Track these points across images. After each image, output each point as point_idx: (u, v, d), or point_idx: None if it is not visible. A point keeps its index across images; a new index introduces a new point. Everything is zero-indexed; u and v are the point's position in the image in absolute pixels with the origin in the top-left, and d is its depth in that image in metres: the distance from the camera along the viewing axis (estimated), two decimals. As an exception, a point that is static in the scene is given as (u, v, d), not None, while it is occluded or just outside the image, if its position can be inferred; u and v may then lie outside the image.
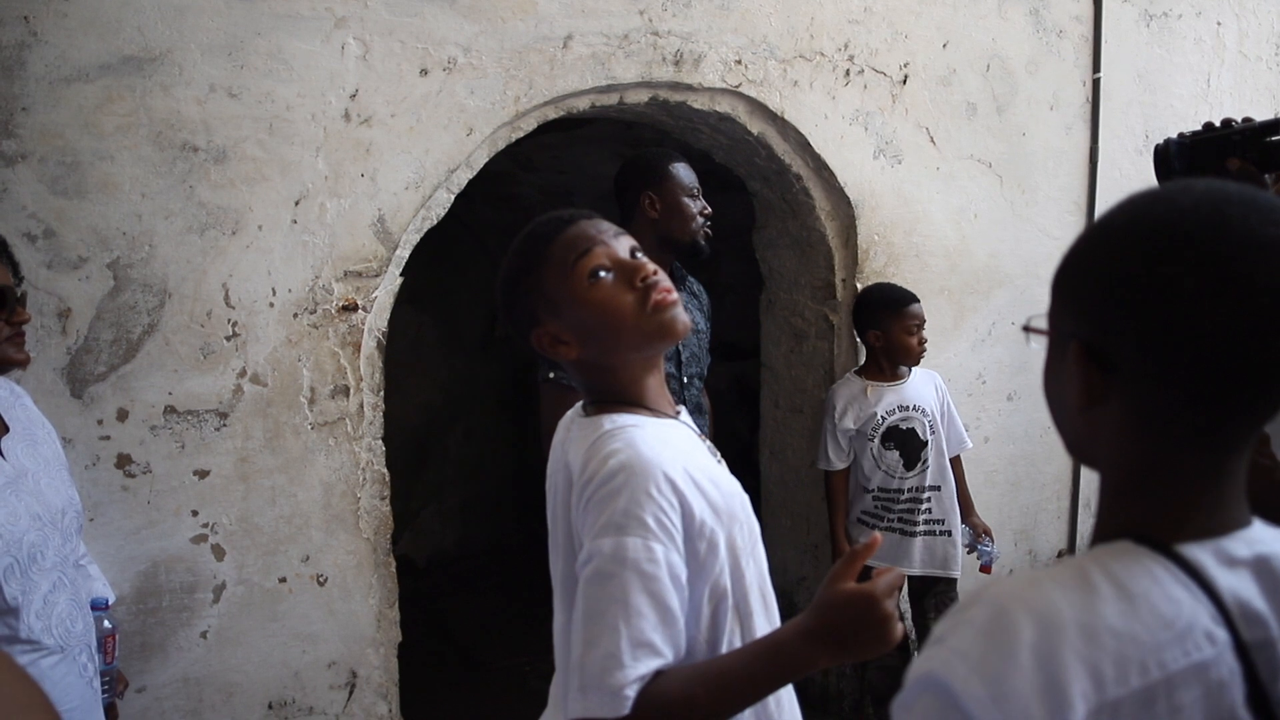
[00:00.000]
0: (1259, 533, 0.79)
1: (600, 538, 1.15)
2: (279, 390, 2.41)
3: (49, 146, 2.18)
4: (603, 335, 1.30)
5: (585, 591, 1.15)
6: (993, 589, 0.75)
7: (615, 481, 1.17)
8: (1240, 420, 0.77)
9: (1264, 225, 0.73)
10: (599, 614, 1.13)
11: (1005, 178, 3.54)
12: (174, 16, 2.25)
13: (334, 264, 2.45)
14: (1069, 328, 0.81)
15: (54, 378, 2.21)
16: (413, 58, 2.49)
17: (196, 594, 2.36)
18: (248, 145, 2.34)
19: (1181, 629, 0.71)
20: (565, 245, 1.31)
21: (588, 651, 1.12)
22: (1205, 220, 0.74)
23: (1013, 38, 3.49)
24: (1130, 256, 0.76)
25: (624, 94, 2.83)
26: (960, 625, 0.74)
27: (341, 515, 2.49)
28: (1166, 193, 0.78)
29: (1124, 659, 0.70)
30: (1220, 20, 4.02)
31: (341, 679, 2.53)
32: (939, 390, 3.16)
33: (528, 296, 1.34)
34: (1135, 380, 0.77)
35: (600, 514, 1.16)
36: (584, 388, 1.38)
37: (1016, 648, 0.70)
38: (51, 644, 1.69)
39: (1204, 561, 0.75)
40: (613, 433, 1.24)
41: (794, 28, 3.03)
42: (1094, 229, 0.81)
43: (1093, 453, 0.84)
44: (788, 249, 3.52)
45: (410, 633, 2.76)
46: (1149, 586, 0.73)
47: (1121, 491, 0.81)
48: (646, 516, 1.15)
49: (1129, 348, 0.76)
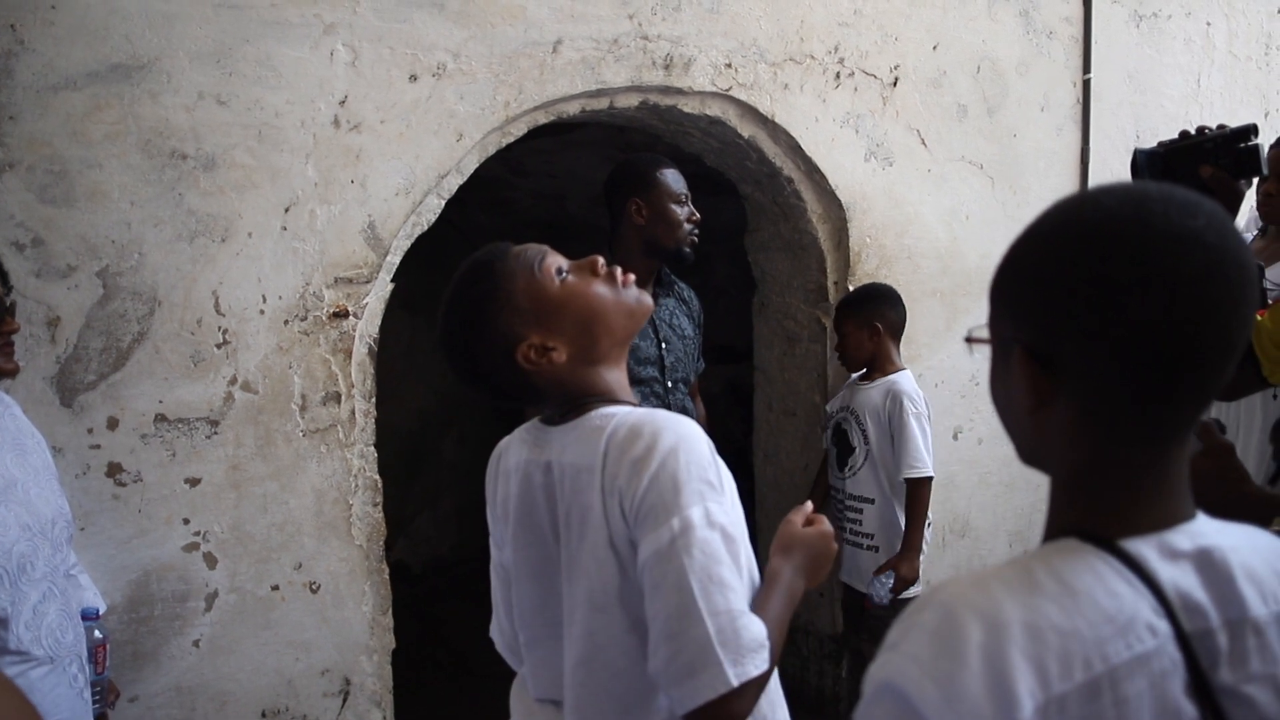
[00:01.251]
0: (1202, 525, 0.81)
1: (690, 508, 1.15)
2: (270, 397, 2.40)
3: (37, 155, 2.17)
4: (592, 326, 1.32)
5: (686, 564, 1.13)
6: (942, 592, 0.77)
7: (680, 454, 1.18)
8: (1181, 410, 0.80)
9: (1184, 218, 0.76)
10: (714, 581, 1.14)
11: (997, 179, 3.54)
12: (162, 24, 2.25)
13: (324, 270, 2.44)
14: (1010, 333, 0.83)
15: (43, 387, 2.21)
16: (402, 64, 2.48)
17: (188, 602, 2.35)
18: (237, 152, 2.33)
19: (1124, 623, 0.73)
20: (519, 259, 1.34)
21: (714, 620, 1.12)
22: (1130, 218, 0.77)
23: (1003, 39, 3.50)
24: (1062, 259, 0.79)
25: (614, 98, 2.83)
26: (912, 630, 0.76)
27: (334, 522, 2.49)
28: (1092, 195, 0.81)
29: (1068, 654, 0.72)
30: (1210, 20, 4.03)
31: (335, 686, 2.52)
32: (891, 405, 2.93)
33: (499, 318, 1.31)
34: (1079, 379, 0.79)
35: (675, 487, 1.16)
36: (561, 397, 1.34)
37: (966, 649, 0.71)
38: (41, 655, 1.68)
39: (1147, 555, 0.77)
40: (629, 418, 1.24)
41: (784, 31, 3.04)
42: (1025, 235, 0.83)
43: (1043, 455, 0.86)
44: (780, 252, 3.53)
45: (405, 639, 2.75)
46: (1091, 582, 0.75)
47: (1068, 490, 0.84)
48: (713, 479, 1.20)
49: (1070, 348, 0.78)
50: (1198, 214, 0.76)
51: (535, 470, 1.32)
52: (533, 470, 1.33)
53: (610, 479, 1.21)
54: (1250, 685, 0.76)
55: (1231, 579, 0.77)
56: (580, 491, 1.25)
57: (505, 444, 1.46)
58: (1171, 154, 1.74)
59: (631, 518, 1.19)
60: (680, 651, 1.12)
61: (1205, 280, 0.75)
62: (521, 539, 1.35)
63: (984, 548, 3.63)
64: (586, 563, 1.24)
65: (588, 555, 1.24)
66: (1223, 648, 0.76)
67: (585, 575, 1.24)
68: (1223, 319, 0.76)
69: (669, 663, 1.13)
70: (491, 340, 1.32)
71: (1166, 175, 1.74)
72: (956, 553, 3.55)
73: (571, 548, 1.27)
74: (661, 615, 1.14)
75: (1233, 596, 0.77)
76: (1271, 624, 0.78)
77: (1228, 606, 0.77)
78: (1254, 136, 1.66)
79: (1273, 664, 0.77)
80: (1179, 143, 1.75)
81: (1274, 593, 0.79)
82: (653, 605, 1.16)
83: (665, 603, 1.14)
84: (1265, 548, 0.82)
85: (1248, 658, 0.76)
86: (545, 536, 1.31)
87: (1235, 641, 0.76)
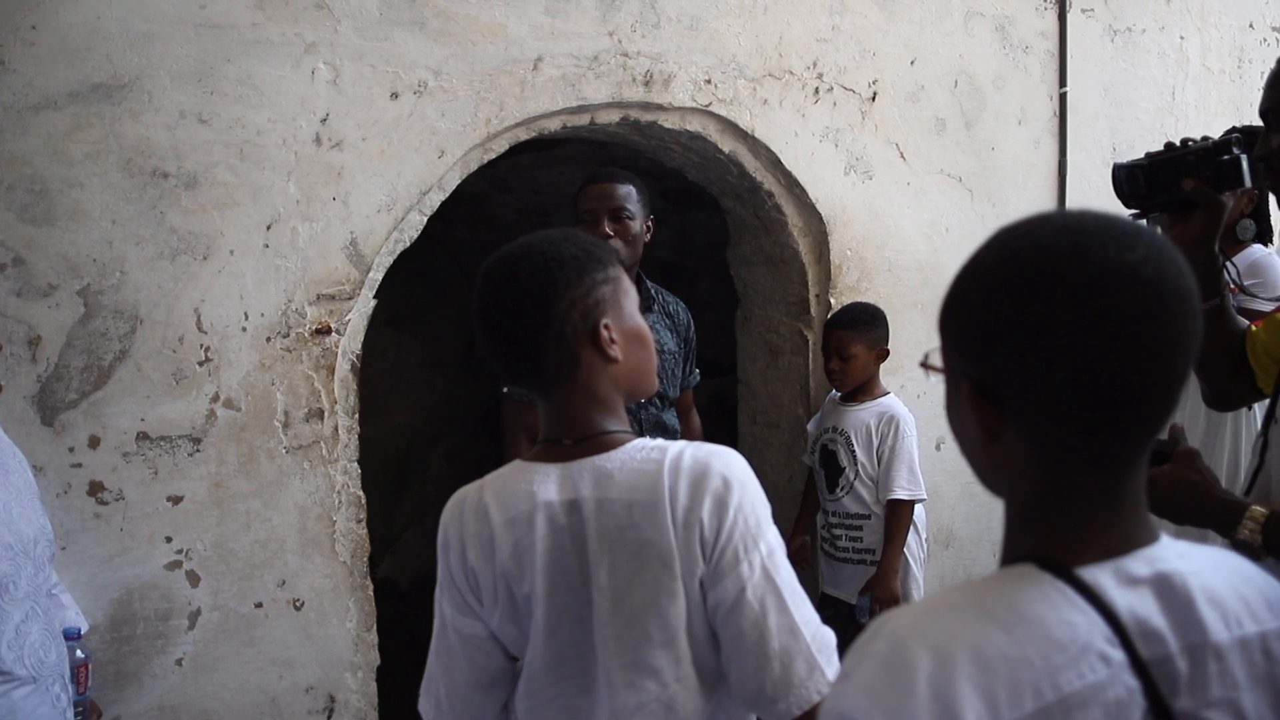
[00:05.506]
0: (1162, 550, 0.80)
1: (768, 533, 1.25)
2: (253, 414, 2.40)
3: (17, 175, 2.18)
4: (645, 364, 1.36)
5: (779, 584, 1.22)
6: (892, 621, 0.77)
7: (750, 486, 1.25)
8: (1130, 440, 0.79)
9: (1121, 252, 0.75)
10: (797, 595, 1.24)
11: (975, 191, 3.58)
12: (142, 44, 2.26)
13: (307, 287, 2.45)
14: (958, 367, 0.83)
15: (24, 406, 2.20)
16: (383, 81, 2.50)
17: (171, 621, 2.35)
18: (218, 170, 2.34)
19: (1075, 651, 0.73)
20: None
21: (808, 629, 1.22)
22: (1066, 254, 0.76)
23: (979, 54, 3.54)
24: (1000, 298, 0.79)
25: (595, 114, 2.85)
26: (863, 660, 0.76)
27: (317, 539, 2.48)
28: (1028, 228, 0.81)
29: (1017, 683, 0.71)
30: (1183, 35, 4.09)
31: (320, 704, 2.51)
32: (885, 427, 2.97)
33: (599, 289, 1.29)
34: (1026, 414, 0.79)
35: (757, 518, 1.24)
36: (582, 407, 1.30)
37: (914, 679, 0.71)
38: (24, 674, 1.68)
39: (1103, 583, 0.76)
40: (686, 450, 1.26)
41: (763, 47, 3.07)
42: (965, 270, 0.84)
43: (998, 483, 0.86)
44: (762, 265, 3.55)
45: (392, 656, 2.74)
46: (1044, 610, 0.74)
47: (1023, 517, 0.83)
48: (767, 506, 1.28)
49: (1014, 385, 0.78)
50: (1135, 246, 0.75)
51: (558, 512, 1.26)
52: (555, 513, 1.26)
53: (686, 512, 1.20)
54: (1211, 711, 0.75)
55: (1191, 603, 0.77)
56: (634, 527, 1.22)
57: (475, 497, 1.33)
58: (1154, 167, 1.74)
59: (713, 552, 1.21)
60: (789, 665, 1.20)
61: (1144, 317, 0.74)
62: (550, 589, 1.26)
63: (968, 558, 3.64)
64: (646, 599, 1.22)
65: (648, 592, 1.22)
66: (1182, 673, 0.75)
67: (646, 612, 1.22)
68: (1164, 354, 0.75)
69: (778, 679, 1.20)
70: (581, 301, 1.27)
71: (1149, 189, 1.74)
72: (941, 563, 3.57)
73: (616, 586, 1.23)
74: (764, 637, 1.20)
75: (1192, 621, 0.76)
76: (1234, 648, 0.77)
77: (1187, 631, 0.76)
78: (1236, 149, 1.65)
79: (1233, 689, 0.76)
80: (1162, 155, 1.76)
81: (1237, 617, 0.78)
82: (752, 630, 1.21)
83: (767, 623, 1.21)
84: (1231, 571, 0.81)
85: (1208, 683, 0.76)
86: (571, 581, 1.25)
87: (1195, 667, 0.75)
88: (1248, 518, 1.34)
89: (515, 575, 1.27)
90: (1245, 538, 1.33)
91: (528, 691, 1.30)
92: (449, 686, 1.37)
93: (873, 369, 3.05)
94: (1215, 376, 1.79)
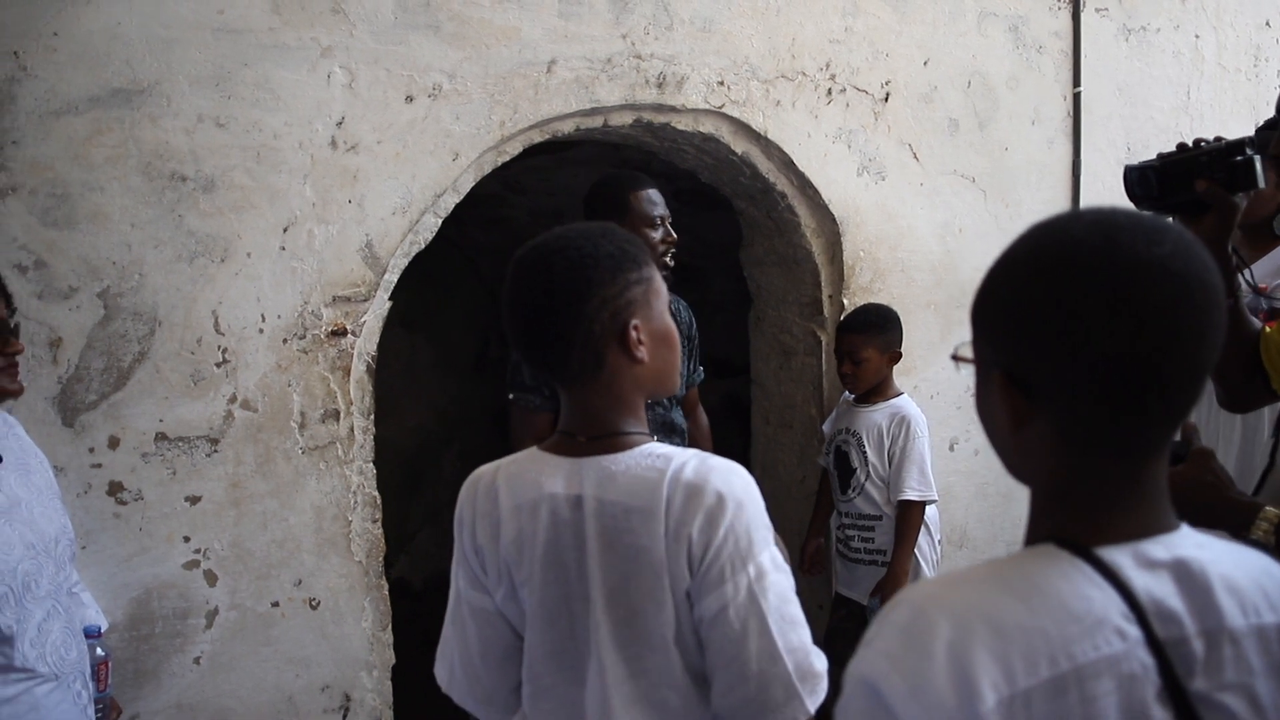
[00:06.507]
0: (1181, 538, 0.82)
1: (761, 554, 1.22)
2: (269, 415, 2.43)
3: (39, 179, 2.21)
4: (669, 362, 1.35)
5: (764, 606, 1.20)
6: (913, 592, 0.81)
7: (747, 505, 1.23)
8: (1154, 428, 0.82)
9: (1150, 246, 0.77)
10: (786, 620, 1.22)
11: (989, 192, 3.57)
12: (161, 49, 2.29)
13: (323, 289, 2.47)
14: (990, 357, 0.86)
15: (45, 407, 2.23)
16: (398, 85, 2.52)
17: (189, 620, 2.37)
18: (236, 174, 2.37)
19: (1091, 624, 0.75)
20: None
21: (791, 656, 1.20)
22: (1097, 247, 0.79)
23: (993, 54, 3.53)
24: (1032, 289, 0.81)
25: (608, 117, 2.87)
26: (885, 627, 0.79)
27: (333, 539, 2.51)
28: (1060, 223, 0.83)
29: (1033, 652, 0.74)
30: (1198, 33, 4.07)
31: (335, 703, 2.53)
32: (896, 428, 2.97)
33: (634, 288, 1.28)
34: (1054, 402, 0.81)
35: (749, 538, 1.22)
36: (602, 405, 1.30)
37: (933, 645, 0.74)
38: (46, 672, 1.70)
39: (1121, 563, 0.79)
40: (690, 462, 1.25)
41: (775, 48, 3.07)
42: (999, 263, 0.86)
43: (1025, 470, 0.88)
44: (775, 266, 3.55)
45: (407, 655, 2.76)
46: (1061, 585, 0.77)
47: (1046, 500, 0.86)
48: (768, 522, 1.27)
49: (1044, 375, 0.81)
50: (1164, 241, 0.78)
51: (561, 506, 1.28)
52: (558, 506, 1.28)
53: (678, 525, 1.21)
54: (1224, 694, 0.77)
55: (1209, 590, 0.79)
56: (631, 532, 1.23)
57: (489, 479, 1.36)
58: (1166, 168, 1.73)
59: (699, 567, 1.21)
60: (765, 688, 1.19)
61: (1171, 308, 0.77)
62: (547, 579, 1.29)
63: (982, 558, 3.63)
64: (638, 602, 1.24)
65: (641, 595, 1.23)
66: (1198, 655, 0.77)
67: (638, 614, 1.24)
68: (1189, 344, 0.78)
69: (752, 699, 1.19)
70: (614, 301, 1.26)
71: (1160, 190, 1.73)
72: (955, 564, 3.56)
73: (611, 585, 1.25)
74: (741, 656, 1.20)
75: (1210, 606, 0.78)
76: (1249, 635, 0.79)
77: (1205, 616, 0.78)
78: (1249, 150, 1.64)
79: (1248, 674, 0.78)
80: (1175, 156, 1.74)
81: (1255, 606, 0.80)
82: (730, 647, 1.20)
83: (746, 644, 1.19)
84: (1250, 563, 0.83)
85: (1223, 667, 0.78)
86: (569, 574, 1.27)
87: (1211, 650, 0.77)
88: (1261, 518, 1.34)
89: (515, 561, 1.30)
90: (1259, 538, 1.33)
91: (529, 677, 1.34)
92: (463, 656, 1.41)
93: (885, 371, 3.05)
94: (1229, 378, 1.78)
